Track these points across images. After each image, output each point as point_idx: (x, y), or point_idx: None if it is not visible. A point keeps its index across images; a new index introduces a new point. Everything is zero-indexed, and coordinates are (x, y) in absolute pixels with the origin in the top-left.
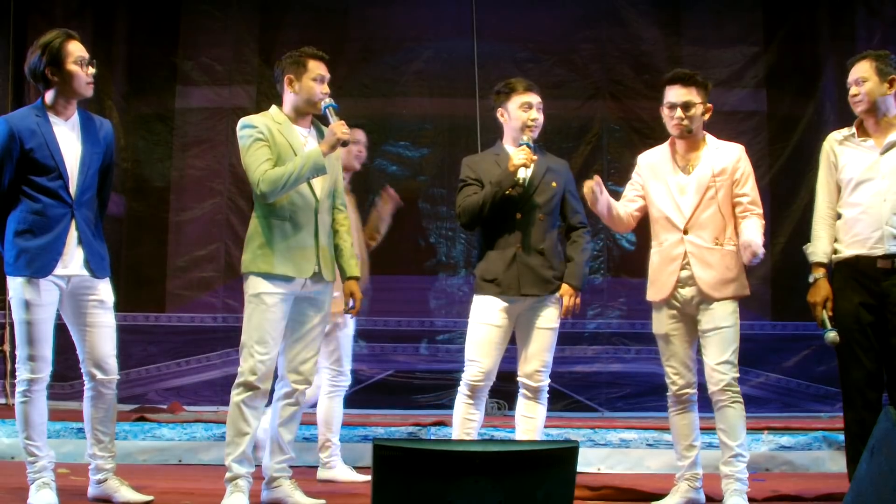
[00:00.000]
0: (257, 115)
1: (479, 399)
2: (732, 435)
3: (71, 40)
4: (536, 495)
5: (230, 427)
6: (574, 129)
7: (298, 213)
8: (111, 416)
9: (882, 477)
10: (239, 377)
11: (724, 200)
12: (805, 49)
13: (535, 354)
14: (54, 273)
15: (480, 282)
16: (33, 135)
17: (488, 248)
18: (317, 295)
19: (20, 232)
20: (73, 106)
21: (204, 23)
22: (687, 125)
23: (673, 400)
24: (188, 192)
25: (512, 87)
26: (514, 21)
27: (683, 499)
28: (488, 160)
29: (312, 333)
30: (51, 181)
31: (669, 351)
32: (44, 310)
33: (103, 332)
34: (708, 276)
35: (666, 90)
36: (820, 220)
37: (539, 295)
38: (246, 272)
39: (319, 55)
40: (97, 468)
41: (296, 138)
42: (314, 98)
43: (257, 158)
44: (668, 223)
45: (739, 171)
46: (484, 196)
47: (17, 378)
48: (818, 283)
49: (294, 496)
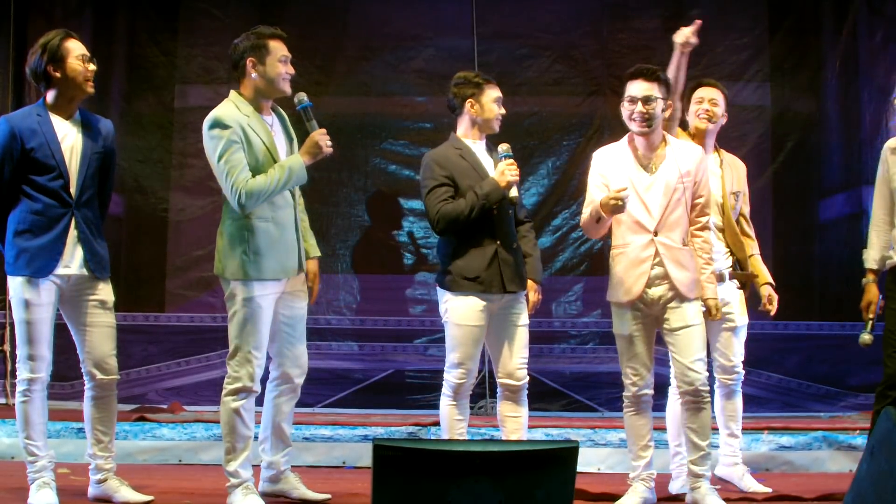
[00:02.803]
0: (225, 108)
1: (463, 399)
2: (703, 435)
3: (70, 38)
4: (536, 495)
5: (230, 434)
6: (575, 125)
7: (279, 213)
8: (111, 417)
9: (882, 477)
10: (234, 383)
11: (688, 201)
12: (808, 45)
13: (515, 352)
14: (54, 273)
15: (459, 280)
16: (34, 134)
17: (465, 245)
18: (296, 289)
19: (20, 232)
20: (74, 105)
21: (203, 21)
22: (649, 119)
23: (630, 401)
24: (187, 191)
25: (483, 78)
26: (514, 18)
27: (640, 499)
28: (453, 157)
29: (301, 324)
30: (51, 181)
31: (631, 352)
32: (43, 309)
33: (103, 332)
34: (683, 277)
35: (627, 84)
36: (874, 227)
37: (518, 291)
38: (233, 279)
39: (279, 34)
40: (97, 468)
41: (265, 132)
42: (280, 80)
43: (234, 166)
44: (636, 224)
45: (702, 172)
46: (470, 206)
47: (17, 378)
48: (867, 287)
49: (300, 488)
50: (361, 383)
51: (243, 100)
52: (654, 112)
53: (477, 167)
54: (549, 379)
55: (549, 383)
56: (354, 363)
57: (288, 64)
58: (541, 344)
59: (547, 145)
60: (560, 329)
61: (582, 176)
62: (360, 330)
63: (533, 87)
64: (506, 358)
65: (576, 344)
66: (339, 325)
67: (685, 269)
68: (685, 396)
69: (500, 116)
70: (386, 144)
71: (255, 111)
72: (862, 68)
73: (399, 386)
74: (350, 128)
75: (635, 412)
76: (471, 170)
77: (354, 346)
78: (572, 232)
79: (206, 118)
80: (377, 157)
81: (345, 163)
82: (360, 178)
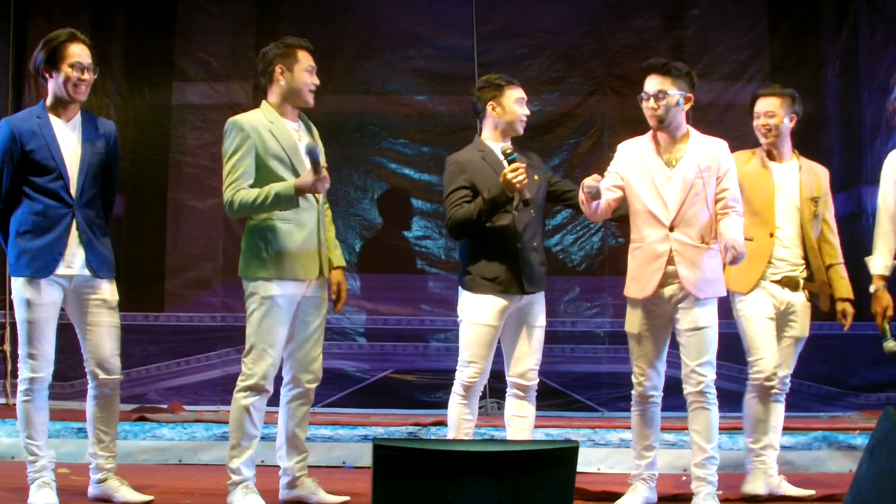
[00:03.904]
0: (248, 114)
1: (472, 398)
2: (707, 437)
3: (74, 42)
4: (536, 495)
5: (236, 430)
6: (575, 124)
7: (303, 215)
8: (113, 416)
9: (882, 477)
10: (247, 380)
11: (710, 197)
12: (808, 44)
13: (529, 353)
14: (56, 273)
15: (479, 280)
16: (34, 136)
17: (485, 246)
18: (317, 295)
19: (21, 233)
20: (74, 107)
21: (200, 18)
22: (660, 115)
23: (637, 399)
24: (186, 190)
25: (506, 80)
26: (514, 17)
27: (642, 498)
28: (475, 159)
29: (318, 331)
30: (51, 182)
31: (640, 351)
32: (45, 309)
33: (106, 332)
34: (693, 276)
35: (645, 81)
36: (880, 235)
37: (536, 292)
38: (253, 277)
39: (307, 45)
40: (98, 467)
41: (288, 136)
42: (306, 90)
43: (233, 171)
44: (652, 218)
45: (724, 166)
46: (478, 210)
47: (18, 377)
48: (878, 293)
49: (318, 494)
50: (361, 383)
51: (270, 107)
52: (667, 107)
53: (498, 169)
54: (550, 379)
55: (549, 383)
56: (354, 363)
57: (314, 75)
58: None
59: (547, 145)
60: (560, 329)
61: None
62: (360, 329)
63: (533, 87)
64: (520, 358)
65: (576, 344)
66: (339, 325)
67: (697, 269)
68: (690, 397)
69: (525, 117)
70: (385, 143)
71: (279, 117)
72: (862, 68)
73: (399, 386)
74: (349, 126)
75: (641, 411)
76: (492, 172)
77: (355, 346)
78: (573, 231)
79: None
80: (376, 155)
81: (344, 162)
82: (359, 176)
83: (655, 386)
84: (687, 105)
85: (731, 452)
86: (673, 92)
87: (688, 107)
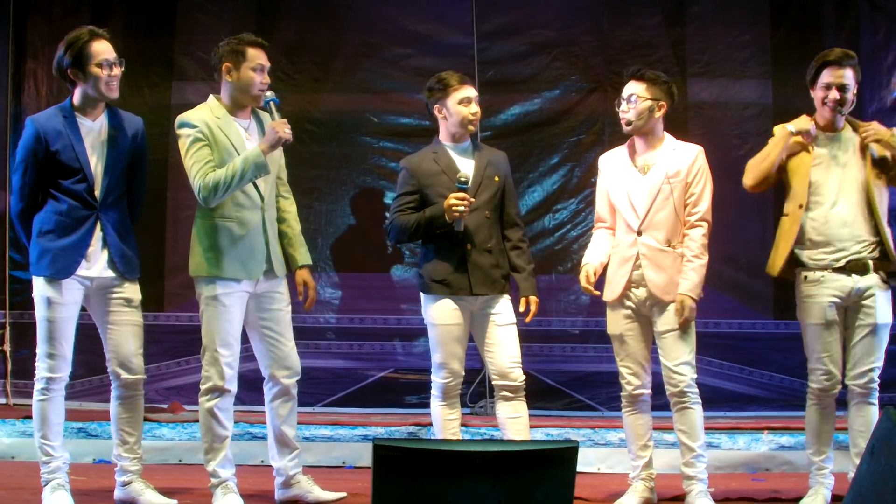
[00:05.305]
0: (196, 110)
1: (452, 398)
2: (693, 436)
3: (97, 40)
4: (536, 495)
5: (207, 434)
6: (576, 122)
7: (245, 213)
8: (137, 417)
9: (882, 477)
10: (206, 383)
11: (679, 202)
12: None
13: (502, 351)
14: (77, 273)
15: (429, 282)
16: (59, 136)
17: (434, 247)
18: (271, 290)
19: (44, 232)
20: (100, 106)
21: (200, 17)
22: (629, 118)
23: (628, 400)
24: (185, 189)
25: (446, 81)
26: (515, 15)
27: (641, 498)
28: (427, 161)
29: (282, 324)
30: (75, 183)
31: (624, 351)
32: (65, 308)
33: (128, 331)
34: (659, 279)
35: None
36: None
37: (488, 294)
38: (196, 276)
39: (259, 42)
40: (122, 469)
41: (235, 133)
42: (253, 89)
43: (197, 161)
44: (625, 224)
45: (694, 172)
46: (416, 223)
47: (35, 376)
48: None
49: (314, 492)
50: (361, 383)
51: (218, 103)
52: (636, 112)
53: (450, 172)
54: (550, 379)
55: (549, 383)
56: (354, 363)
57: (264, 74)
58: (541, 344)
59: (547, 143)
60: (560, 329)
61: (582, 174)
62: (360, 329)
63: (533, 85)
64: (494, 358)
65: (576, 343)
66: (339, 325)
67: (663, 272)
68: (672, 398)
69: (473, 116)
70: (385, 142)
71: (227, 114)
72: (863, 66)
73: (399, 386)
74: (349, 125)
75: (633, 412)
76: (442, 175)
77: (355, 346)
78: (572, 230)
79: (175, 120)
80: (376, 154)
81: (343, 160)
82: (359, 175)
83: (644, 385)
84: (660, 112)
85: (731, 452)
86: (645, 97)
87: (660, 114)
